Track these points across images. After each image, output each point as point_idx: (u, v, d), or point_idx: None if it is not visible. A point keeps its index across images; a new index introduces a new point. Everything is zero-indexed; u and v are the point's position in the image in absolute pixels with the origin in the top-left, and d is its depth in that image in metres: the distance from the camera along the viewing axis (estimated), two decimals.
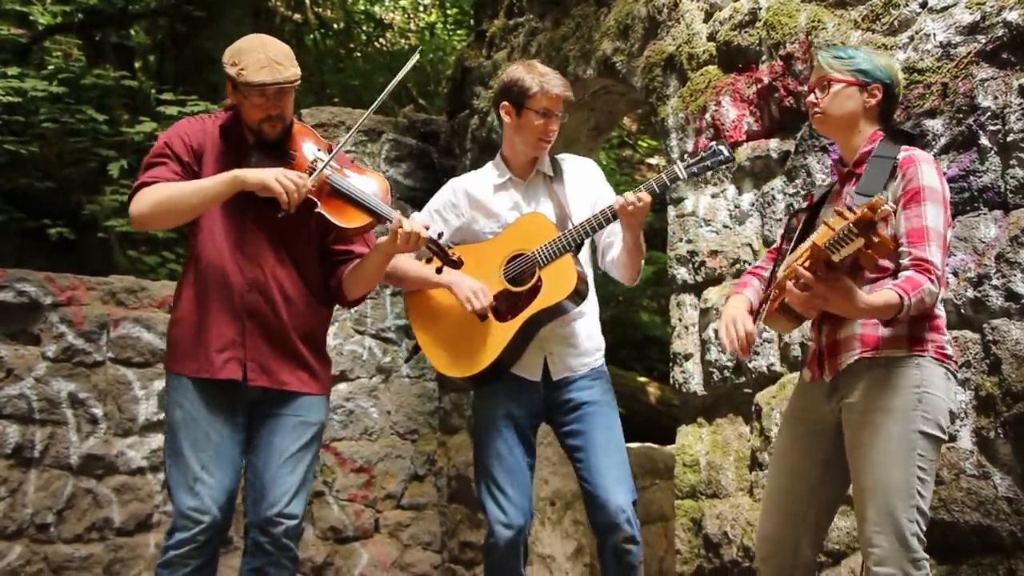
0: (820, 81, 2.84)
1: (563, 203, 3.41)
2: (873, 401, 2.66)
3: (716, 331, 2.91)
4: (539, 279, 3.27)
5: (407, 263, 3.39)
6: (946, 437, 2.72)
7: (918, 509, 2.60)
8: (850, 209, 2.37)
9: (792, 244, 2.94)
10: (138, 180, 3.04)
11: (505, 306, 3.29)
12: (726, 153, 3.28)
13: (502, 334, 3.27)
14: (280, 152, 3.09)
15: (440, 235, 3.10)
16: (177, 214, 3.01)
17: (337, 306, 3.34)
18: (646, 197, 3.19)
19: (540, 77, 3.31)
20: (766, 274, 3.04)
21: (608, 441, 3.31)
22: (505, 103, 3.37)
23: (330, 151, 3.12)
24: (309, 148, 3.14)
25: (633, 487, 3.31)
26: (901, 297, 2.52)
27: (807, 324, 3.03)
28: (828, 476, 2.84)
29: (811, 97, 2.87)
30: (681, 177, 3.26)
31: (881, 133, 2.84)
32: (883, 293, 2.56)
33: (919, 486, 2.61)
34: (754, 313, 2.94)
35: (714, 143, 3.36)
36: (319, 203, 3.02)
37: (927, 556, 2.62)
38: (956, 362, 2.83)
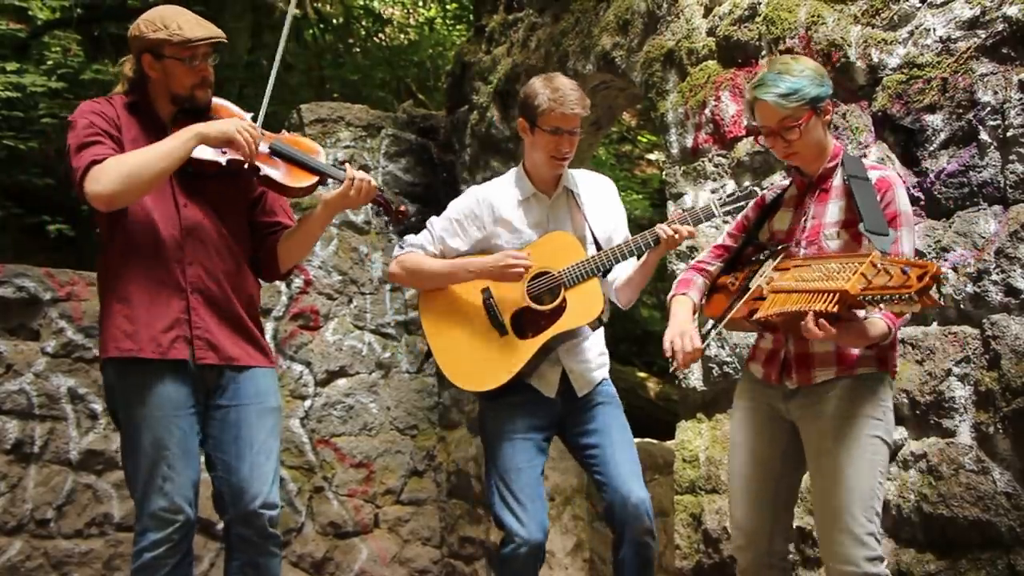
0: (782, 124, 2.79)
1: (585, 223, 3.36)
2: (847, 409, 2.75)
3: (665, 348, 2.93)
4: (564, 300, 3.23)
5: (425, 260, 3.35)
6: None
7: (875, 511, 2.71)
8: (904, 272, 2.39)
9: (742, 246, 2.98)
10: (79, 161, 2.84)
11: (526, 323, 3.25)
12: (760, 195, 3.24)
13: (522, 351, 3.23)
14: (204, 121, 2.99)
15: (381, 189, 3.07)
16: (144, 183, 2.83)
17: (270, 280, 3.30)
18: (693, 231, 3.19)
19: (553, 94, 3.21)
20: (711, 269, 3.07)
21: (623, 438, 3.31)
22: (521, 119, 3.32)
23: (254, 118, 3.08)
24: (232, 114, 3.08)
25: (645, 485, 3.30)
26: (889, 328, 2.69)
27: None
28: (788, 466, 2.91)
29: (779, 142, 2.82)
30: (716, 214, 3.22)
31: (840, 147, 2.89)
32: (878, 325, 2.68)
33: (878, 490, 2.73)
34: (696, 309, 3.03)
35: (749, 184, 3.37)
36: (262, 167, 2.98)
37: (883, 556, 2.71)
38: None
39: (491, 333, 3.26)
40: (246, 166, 2.97)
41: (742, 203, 3.20)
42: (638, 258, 3.31)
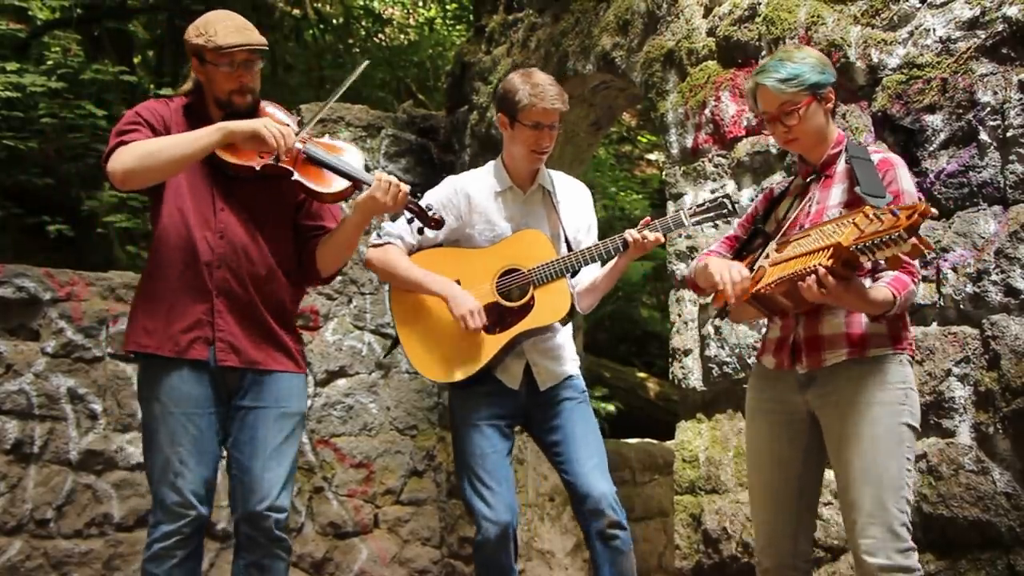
0: (781, 109, 2.81)
1: (559, 223, 3.40)
2: (861, 395, 2.70)
3: (717, 283, 2.87)
4: (532, 298, 3.27)
5: (401, 260, 3.38)
6: (920, 432, 2.80)
7: (906, 500, 2.65)
8: (894, 213, 2.40)
9: (750, 237, 2.97)
10: (110, 144, 2.94)
11: (494, 319, 3.28)
12: (729, 207, 3.26)
13: (488, 346, 3.27)
14: None
15: (419, 196, 3.06)
16: (162, 168, 2.90)
17: (312, 284, 3.30)
18: (660, 237, 3.20)
19: (532, 88, 3.25)
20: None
21: (586, 434, 3.33)
22: (500, 114, 3.35)
23: (300, 124, 3.10)
24: (278, 119, 3.09)
25: (611, 479, 3.31)
26: (894, 296, 2.61)
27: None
28: (809, 464, 2.88)
29: (779, 127, 2.84)
30: (686, 224, 3.26)
31: (844, 135, 2.89)
32: (880, 291, 2.62)
33: (907, 478, 2.67)
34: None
35: (720, 195, 3.37)
36: (295, 171, 3.00)
37: (915, 546, 2.65)
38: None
39: (459, 326, 3.27)
40: (280, 165, 2.97)
41: (711, 213, 3.24)
42: (603, 263, 3.34)
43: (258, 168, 2.99)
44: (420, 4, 12.42)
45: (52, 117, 7.06)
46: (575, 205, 3.48)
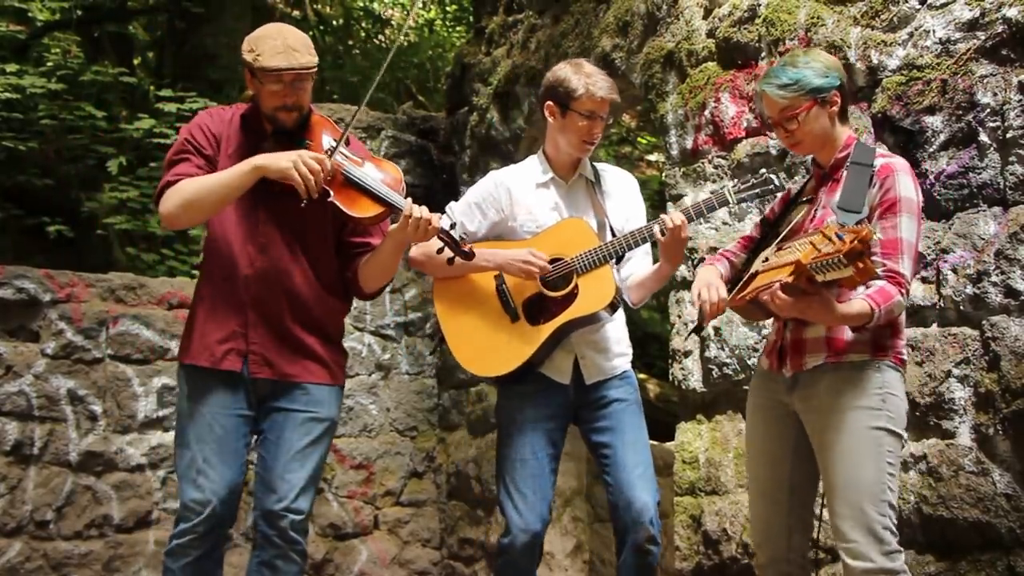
0: (783, 115, 2.83)
1: (603, 211, 3.37)
2: (838, 401, 2.72)
3: (693, 299, 2.92)
4: (576, 286, 3.23)
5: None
6: (905, 439, 2.81)
7: (888, 504, 2.67)
8: (839, 237, 2.42)
9: (764, 237, 2.98)
10: (162, 180, 3.05)
11: (538, 309, 3.25)
12: (776, 182, 3.21)
13: (533, 337, 3.23)
14: (296, 141, 3.08)
15: (453, 225, 3.04)
16: (203, 210, 3.02)
17: (358, 299, 3.32)
18: (684, 221, 3.13)
19: (587, 78, 3.26)
20: (736, 260, 3.08)
21: (636, 440, 3.29)
22: (550, 103, 3.32)
23: (347, 143, 3.11)
24: (326, 139, 3.12)
25: (657, 489, 3.28)
26: (872, 309, 2.61)
27: None
28: (799, 462, 2.89)
29: (781, 133, 2.86)
30: (731, 202, 3.20)
31: (853, 137, 2.89)
32: (856, 303, 2.63)
33: (888, 481, 2.68)
34: (726, 280, 2.99)
35: (765, 170, 3.34)
36: (332, 193, 3.01)
37: (900, 548, 2.68)
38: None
39: (503, 319, 3.26)
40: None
41: (757, 190, 3.18)
42: (653, 244, 3.27)
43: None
44: (420, 5, 12.42)
45: (52, 118, 7.06)
46: (621, 194, 3.45)
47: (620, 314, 3.41)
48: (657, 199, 9.19)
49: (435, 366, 6.30)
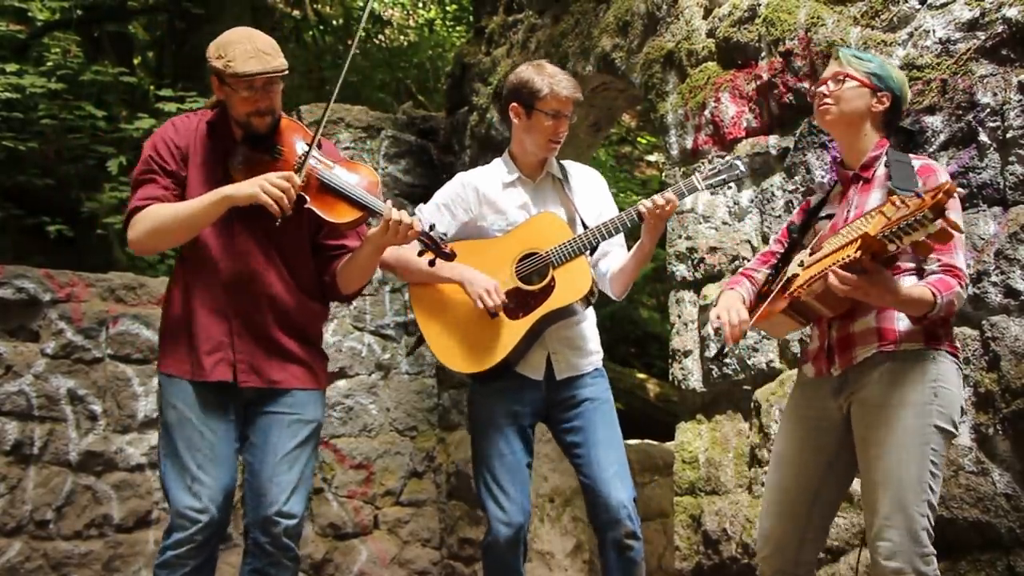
0: (835, 75, 2.85)
1: (573, 206, 3.40)
2: (889, 395, 2.67)
3: (712, 322, 2.91)
4: (552, 279, 3.26)
5: (414, 255, 3.37)
6: (957, 432, 2.74)
7: (929, 504, 2.61)
8: (918, 196, 2.37)
9: (788, 249, 2.95)
10: (130, 203, 3.03)
11: (516, 304, 3.27)
12: (742, 168, 3.28)
13: (513, 332, 3.25)
14: (268, 147, 3.05)
15: (432, 227, 3.05)
16: (171, 239, 3.03)
17: (335, 302, 3.32)
18: (674, 199, 3.18)
19: (550, 79, 3.29)
20: (758, 276, 3.05)
21: (609, 437, 3.31)
22: (514, 104, 3.35)
23: (319, 146, 3.09)
24: (297, 143, 3.10)
25: (632, 484, 3.31)
26: (935, 295, 2.56)
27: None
28: (832, 476, 2.85)
29: (822, 88, 2.88)
30: (699, 188, 3.26)
31: (886, 142, 2.87)
32: (919, 288, 2.59)
33: (931, 481, 2.62)
34: (747, 305, 2.96)
35: (731, 157, 3.36)
36: (308, 199, 3.00)
37: (934, 552, 2.63)
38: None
39: (482, 315, 3.26)
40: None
41: (723, 176, 3.25)
42: (627, 235, 3.32)
43: None
44: (420, 5, 12.42)
45: (52, 118, 7.05)
46: (589, 190, 3.48)
47: (591, 312, 3.45)
48: None
49: (435, 366, 6.30)
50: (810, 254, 2.81)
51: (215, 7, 8.54)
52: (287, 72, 3.03)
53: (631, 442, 6.94)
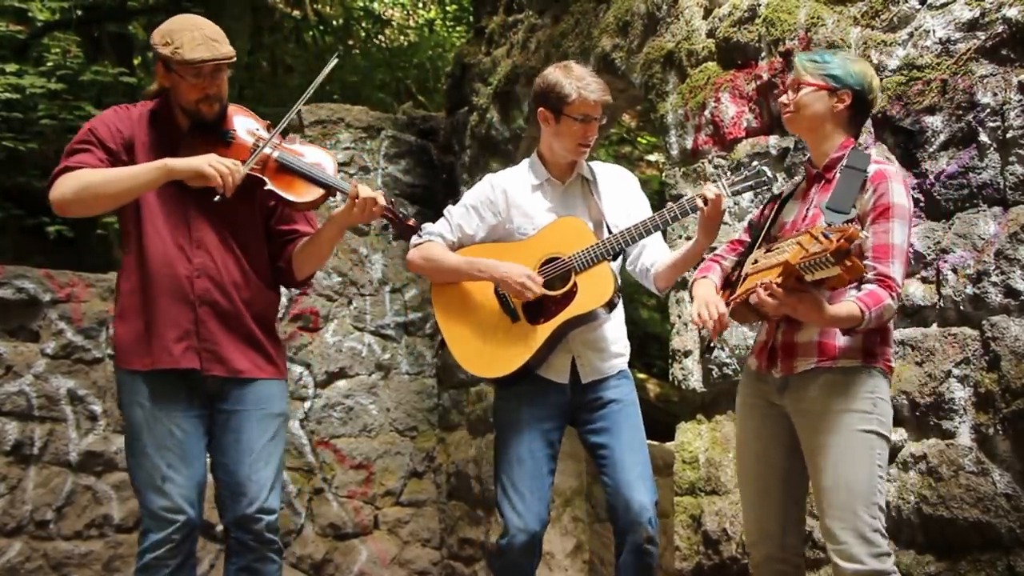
0: (793, 83, 2.92)
1: (600, 210, 3.36)
2: (829, 404, 2.75)
3: (693, 319, 2.95)
4: (574, 284, 3.23)
5: (443, 253, 3.35)
6: (890, 443, 2.84)
7: (878, 506, 2.70)
8: (826, 236, 2.48)
9: (756, 240, 3.00)
10: (59, 165, 2.94)
11: (538, 309, 3.25)
12: (768, 176, 3.23)
13: (533, 337, 3.23)
14: (218, 133, 3.04)
15: (391, 201, 3.05)
16: (101, 201, 2.94)
17: (287, 288, 3.30)
18: (722, 193, 3.09)
19: (578, 82, 3.25)
20: (726, 263, 3.09)
21: (633, 439, 3.30)
22: (542, 109, 3.32)
23: (270, 129, 3.07)
24: (247, 126, 3.09)
25: (655, 488, 3.29)
26: (862, 311, 2.64)
27: None
28: (792, 459, 2.90)
29: (783, 97, 2.95)
30: (725, 195, 3.19)
31: (852, 141, 2.92)
32: (846, 305, 2.67)
33: (879, 484, 2.71)
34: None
35: (757, 163, 3.35)
36: (268, 180, 2.99)
37: (889, 551, 2.70)
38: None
39: (503, 320, 3.26)
40: (252, 174, 2.97)
41: (750, 183, 3.19)
42: (643, 239, 3.25)
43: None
44: (420, 5, 12.42)
45: (52, 118, 7.06)
46: (619, 192, 3.45)
47: (618, 313, 3.41)
48: (657, 199, 9.19)
49: (435, 366, 6.30)
50: (767, 251, 2.86)
51: (215, 7, 8.53)
52: (235, 60, 3.03)
53: None
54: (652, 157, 10.93)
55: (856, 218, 2.73)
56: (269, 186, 2.99)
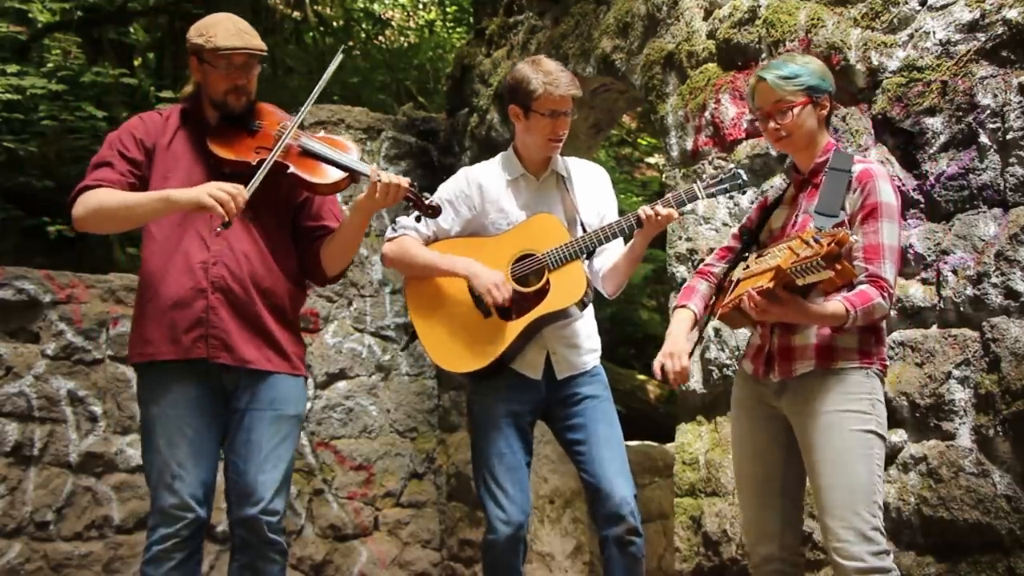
0: (776, 106, 2.87)
1: (574, 207, 3.38)
2: (828, 404, 2.77)
3: (655, 367, 3.00)
4: (547, 282, 3.25)
5: (417, 248, 3.36)
6: (886, 443, 2.87)
7: (877, 505, 2.72)
8: (816, 240, 2.50)
9: (744, 246, 3.03)
10: (83, 181, 3.04)
11: (511, 305, 3.26)
12: (743, 178, 3.25)
13: (506, 333, 3.25)
14: (245, 124, 3.08)
15: (412, 183, 3.06)
16: (110, 224, 3.12)
17: (320, 285, 3.31)
18: (674, 213, 3.16)
19: (545, 76, 3.24)
20: (716, 270, 3.11)
21: (609, 435, 3.32)
22: (512, 106, 3.33)
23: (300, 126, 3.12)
24: (273, 118, 3.13)
25: (633, 481, 3.31)
26: (847, 310, 2.67)
27: None
28: (789, 460, 2.92)
29: (771, 124, 2.90)
30: (700, 197, 3.23)
31: (833, 143, 2.93)
32: (831, 304, 2.70)
33: (877, 483, 2.73)
34: (699, 320, 3.06)
35: (733, 167, 3.36)
36: (291, 165, 3.01)
37: (888, 549, 2.72)
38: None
39: (475, 315, 3.27)
40: (276, 160, 2.99)
41: (725, 185, 3.23)
42: (625, 240, 3.31)
43: (254, 163, 3.00)
44: (420, 6, 12.43)
45: (52, 120, 7.05)
46: (592, 189, 3.46)
47: (590, 309, 3.44)
48: (657, 198, 9.18)
49: (435, 367, 6.30)
50: (757, 257, 2.88)
51: (215, 8, 8.53)
52: (265, 54, 3.08)
53: (631, 443, 6.93)
54: (652, 159, 10.93)
55: (845, 221, 2.75)
56: (292, 169, 3.01)
